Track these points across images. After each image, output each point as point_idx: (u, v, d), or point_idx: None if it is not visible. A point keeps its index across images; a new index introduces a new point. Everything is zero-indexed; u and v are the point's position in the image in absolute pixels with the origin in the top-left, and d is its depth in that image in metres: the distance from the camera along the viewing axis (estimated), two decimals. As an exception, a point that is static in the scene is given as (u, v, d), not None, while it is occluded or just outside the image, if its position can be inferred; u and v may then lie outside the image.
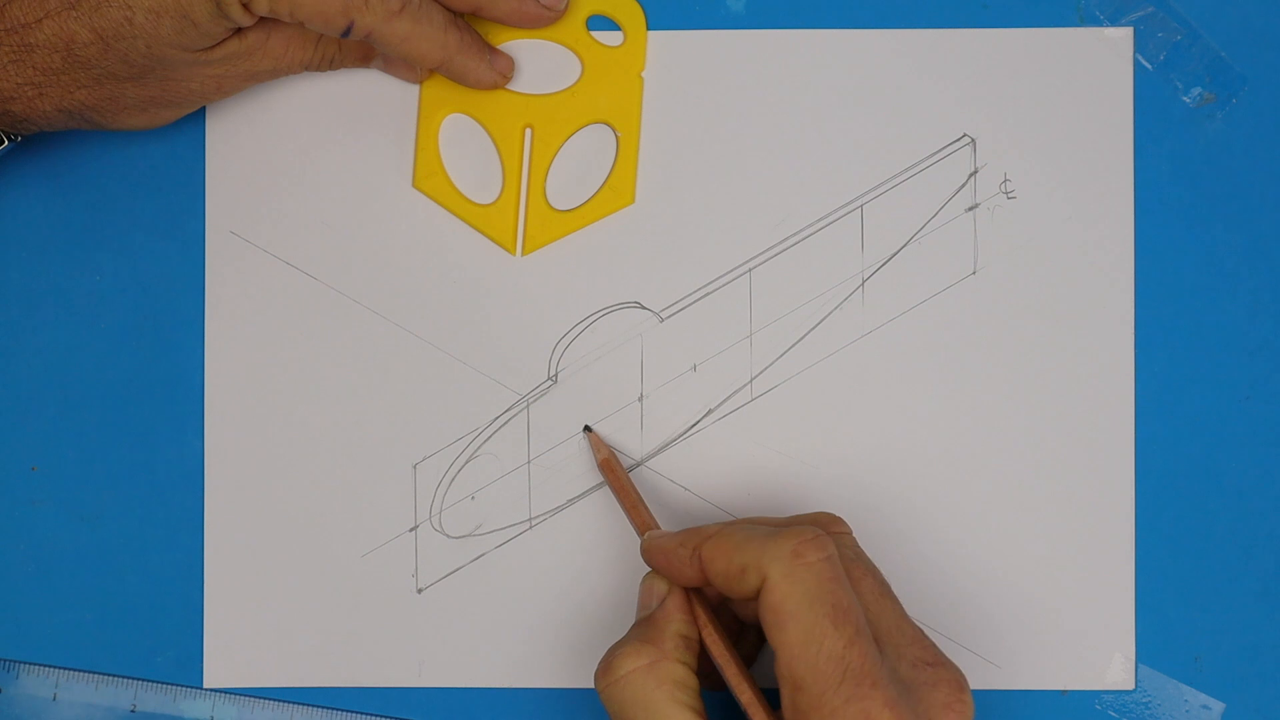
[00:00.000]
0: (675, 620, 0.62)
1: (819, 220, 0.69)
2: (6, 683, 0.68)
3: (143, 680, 0.68)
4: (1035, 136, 0.69)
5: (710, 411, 0.68)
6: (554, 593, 0.68)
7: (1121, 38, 0.69)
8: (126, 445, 0.69)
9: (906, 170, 0.69)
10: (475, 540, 0.68)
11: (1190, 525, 0.68)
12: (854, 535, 0.62)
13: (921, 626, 0.60)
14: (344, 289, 0.69)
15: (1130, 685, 0.68)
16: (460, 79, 0.67)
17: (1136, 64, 0.69)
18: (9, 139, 0.64)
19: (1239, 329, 0.69)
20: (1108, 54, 0.69)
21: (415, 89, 0.68)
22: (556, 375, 0.69)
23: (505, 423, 0.68)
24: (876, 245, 0.69)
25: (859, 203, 0.69)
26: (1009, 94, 0.69)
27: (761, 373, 0.68)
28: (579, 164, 0.69)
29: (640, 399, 0.68)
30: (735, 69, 0.69)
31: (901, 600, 0.61)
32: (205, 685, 0.68)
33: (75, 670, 0.68)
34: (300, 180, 0.69)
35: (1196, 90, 0.69)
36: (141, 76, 0.63)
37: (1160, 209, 0.69)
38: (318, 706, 0.68)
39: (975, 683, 0.67)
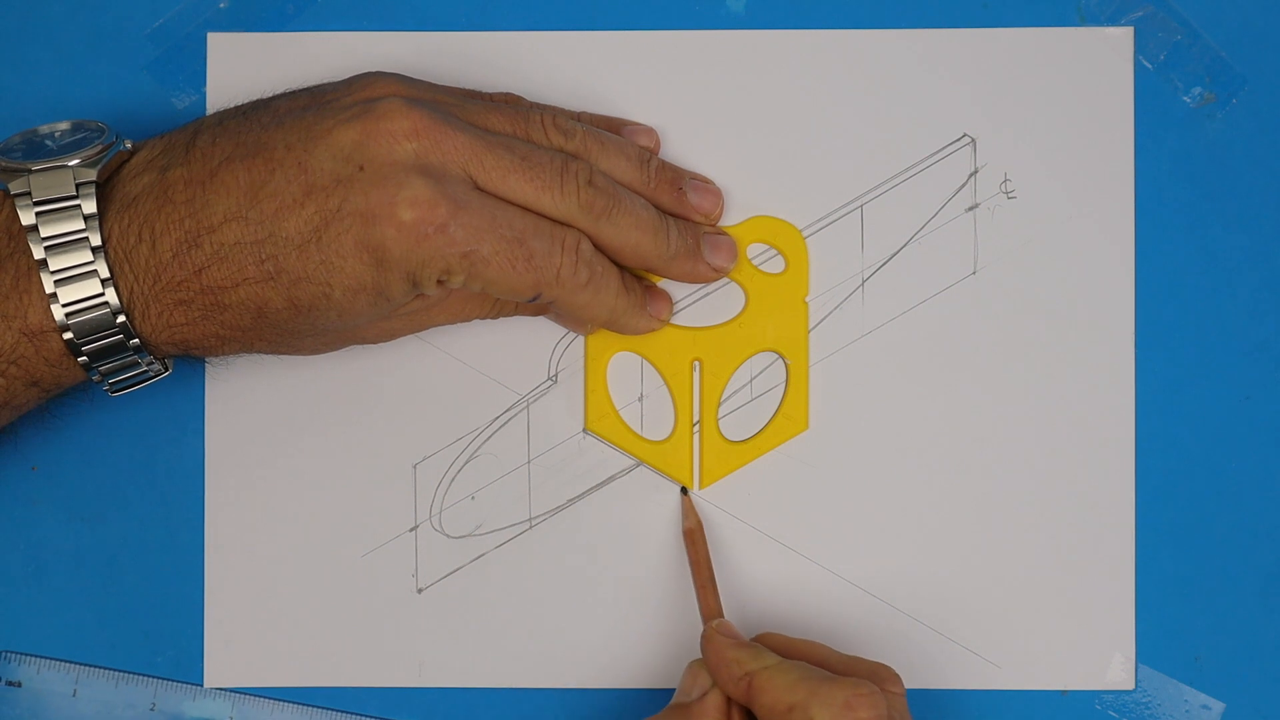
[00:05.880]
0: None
1: (819, 220, 0.69)
2: (26, 676, 0.68)
3: (160, 679, 0.68)
4: (1035, 136, 0.69)
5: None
6: (554, 593, 0.68)
7: (1121, 38, 0.69)
8: (126, 445, 0.68)
9: (906, 170, 0.69)
10: (475, 540, 0.68)
11: (1190, 525, 0.68)
12: (904, 698, 0.61)
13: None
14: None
15: (1130, 685, 0.68)
16: (620, 331, 0.67)
17: (1137, 64, 0.69)
18: (165, 368, 0.64)
19: (1239, 329, 0.68)
20: (1108, 54, 0.69)
21: None
22: (556, 375, 0.69)
23: (505, 423, 0.68)
24: (876, 245, 0.69)
25: (859, 203, 0.69)
26: (1009, 94, 0.69)
27: (762, 372, 0.68)
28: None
29: (640, 399, 0.68)
30: (735, 69, 0.69)
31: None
32: (205, 685, 0.68)
33: (95, 667, 0.68)
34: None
35: (1196, 90, 0.69)
36: (324, 334, 0.63)
37: (1160, 209, 0.69)
38: (317, 707, 0.68)
39: (975, 683, 0.67)
